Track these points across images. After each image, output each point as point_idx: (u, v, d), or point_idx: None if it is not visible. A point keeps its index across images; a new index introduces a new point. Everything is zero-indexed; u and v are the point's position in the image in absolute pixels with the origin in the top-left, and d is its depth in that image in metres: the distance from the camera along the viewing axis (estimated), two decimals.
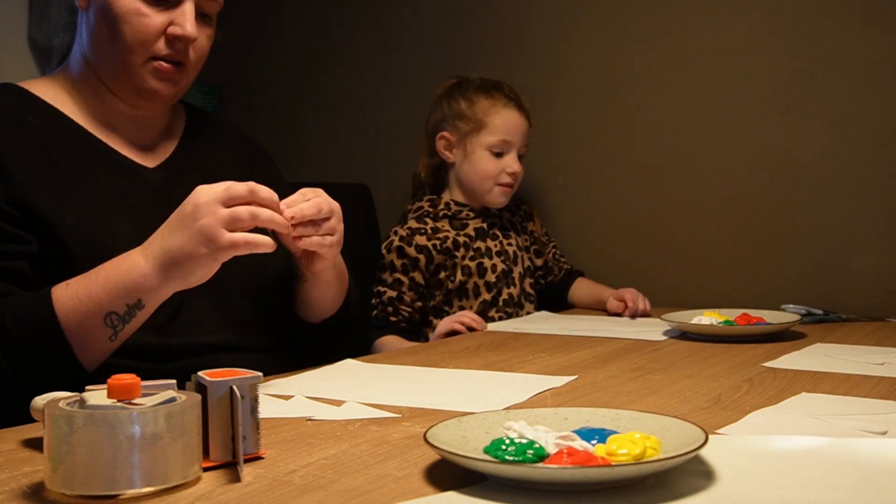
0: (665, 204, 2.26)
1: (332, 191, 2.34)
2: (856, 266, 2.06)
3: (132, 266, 1.14)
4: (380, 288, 2.02)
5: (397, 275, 2.00)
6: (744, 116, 2.17)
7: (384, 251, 2.03)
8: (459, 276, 2.02)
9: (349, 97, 2.66)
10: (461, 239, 2.05)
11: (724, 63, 2.18)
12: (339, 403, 1.12)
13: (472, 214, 2.08)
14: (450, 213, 2.07)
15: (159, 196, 1.33)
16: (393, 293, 2.00)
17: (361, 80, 2.64)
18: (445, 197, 2.11)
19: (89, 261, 1.22)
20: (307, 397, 1.16)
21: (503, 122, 2.04)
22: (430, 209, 2.08)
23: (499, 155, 2.04)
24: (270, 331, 1.41)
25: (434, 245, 2.01)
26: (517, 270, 2.09)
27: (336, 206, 1.26)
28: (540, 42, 2.39)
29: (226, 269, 1.35)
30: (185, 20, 1.28)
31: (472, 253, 2.05)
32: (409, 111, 2.57)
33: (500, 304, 2.05)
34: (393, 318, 2.00)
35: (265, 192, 1.15)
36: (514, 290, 2.08)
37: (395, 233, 2.03)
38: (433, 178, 2.16)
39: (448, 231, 2.05)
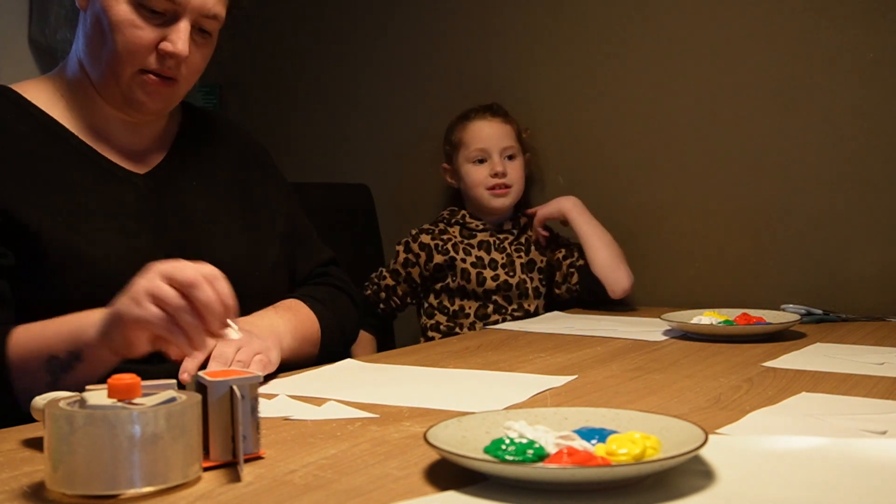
0: (665, 204, 2.26)
1: (332, 191, 2.36)
2: (856, 266, 2.06)
3: (87, 315, 1.11)
4: (383, 272, 2.20)
5: (397, 266, 2.17)
6: (744, 116, 2.17)
7: (396, 245, 2.19)
8: (459, 279, 2.10)
9: (349, 97, 2.66)
10: (464, 245, 2.14)
11: (724, 62, 2.18)
12: (320, 402, 1.12)
13: (481, 226, 2.19)
14: (462, 222, 2.19)
15: (149, 204, 1.32)
16: (391, 282, 2.18)
17: (362, 81, 2.64)
18: (463, 211, 2.23)
19: (70, 271, 1.20)
20: (289, 396, 1.16)
21: (473, 133, 2.21)
22: (448, 216, 2.22)
23: (481, 162, 2.19)
24: None
25: (436, 245, 2.14)
26: (527, 284, 2.11)
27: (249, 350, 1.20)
28: (540, 44, 2.39)
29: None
30: (178, 38, 1.25)
31: (473, 259, 2.12)
32: (410, 111, 2.57)
33: (508, 311, 2.09)
34: (382, 306, 2.19)
35: (207, 293, 1.01)
36: (525, 303, 2.11)
37: (410, 233, 2.19)
38: (455, 198, 2.33)
39: (455, 237, 2.16)
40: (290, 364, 1.36)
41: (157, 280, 1.02)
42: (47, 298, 1.19)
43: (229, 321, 1.04)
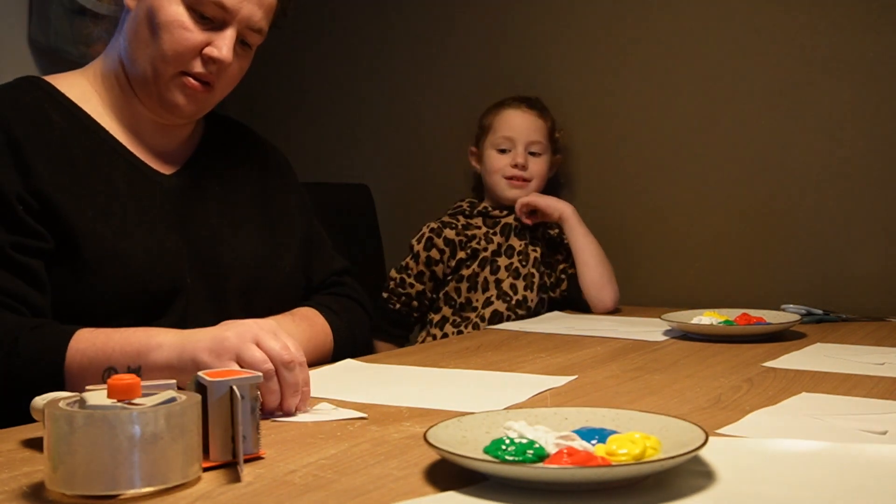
0: (665, 204, 2.26)
1: (332, 191, 2.36)
2: (856, 266, 2.06)
3: (153, 335, 1.13)
4: (403, 276, 2.12)
5: (421, 267, 2.11)
6: (744, 116, 2.17)
7: (414, 242, 2.12)
8: (475, 266, 2.09)
9: (350, 97, 2.66)
10: (487, 234, 2.12)
11: (725, 63, 2.18)
12: (312, 403, 1.12)
13: (506, 212, 2.15)
14: (485, 212, 2.16)
15: (173, 203, 1.33)
16: (420, 287, 2.11)
17: (362, 81, 2.64)
18: (484, 202, 2.21)
19: (99, 262, 1.22)
20: None
21: (504, 120, 2.18)
22: (467, 208, 2.18)
23: (505, 151, 2.17)
24: None
25: (461, 241, 2.11)
26: (535, 277, 2.10)
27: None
28: (541, 43, 2.39)
29: (226, 273, 1.35)
30: (224, 44, 1.28)
31: (494, 247, 2.10)
32: (410, 111, 2.57)
33: (513, 302, 2.06)
34: (416, 315, 2.13)
35: (294, 376, 1.06)
36: (529, 294, 2.08)
37: (428, 226, 2.13)
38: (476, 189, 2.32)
39: (479, 229, 2.13)
40: None
41: (248, 343, 1.06)
42: (75, 289, 1.21)
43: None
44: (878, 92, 2.03)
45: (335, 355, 1.45)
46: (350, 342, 1.48)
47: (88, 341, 1.14)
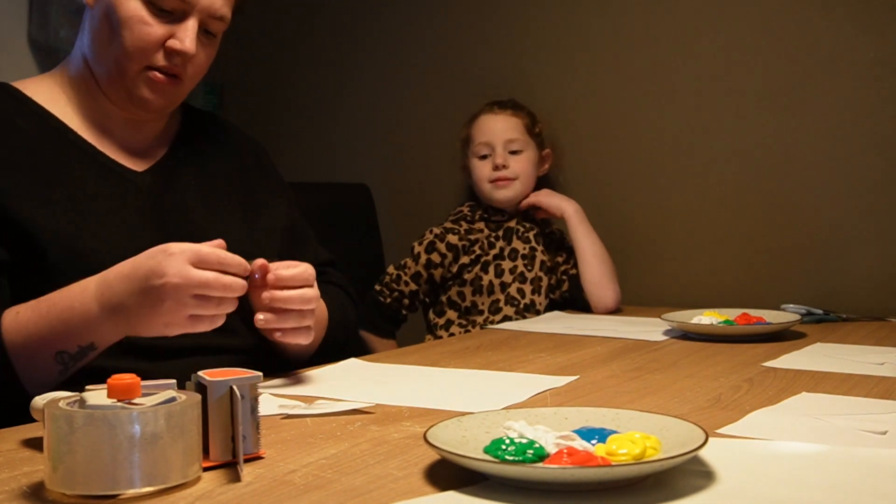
0: (665, 203, 2.26)
1: (332, 191, 2.36)
2: (856, 266, 2.06)
3: (85, 312, 1.12)
4: (400, 273, 2.13)
5: (419, 269, 2.12)
6: (744, 116, 2.17)
7: (416, 244, 2.13)
8: (477, 270, 2.09)
9: (349, 97, 2.66)
10: (491, 238, 2.12)
11: (724, 63, 2.18)
12: (310, 400, 1.12)
13: (507, 216, 2.16)
14: (487, 216, 2.16)
15: (148, 201, 1.32)
16: (414, 287, 2.12)
17: (362, 80, 2.64)
18: (484, 205, 2.21)
19: (72, 268, 1.20)
20: (287, 395, 1.16)
21: (479, 128, 2.20)
22: (469, 213, 2.18)
23: (485, 157, 2.18)
24: (257, 332, 1.40)
25: (464, 246, 2.11)
26: (543, 281, 2.10)
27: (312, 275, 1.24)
28: (542, 43, 2.39)
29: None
30: (186, 35, 1.27)
31: (496, 251, 2.11)
32: (410, 111, 2.57)
33: (521, 307, 2.07)
34: (405, 312, 2.15)
35: (233, 259, 1.11)
36: (538, 298, 2.09)
37: (431, 231, 2.14)
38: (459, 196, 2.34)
39: (481, 232, 2.13)
40: (290, 360, 1.37)
41: (190, 272, 1.07)
42: (48, 292, 1.20)
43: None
44: (878, 92, 2.03)
45: (327, 337, 1.44)
46: (342, 325, 1.48)
47: (20, 333, 1.13)
